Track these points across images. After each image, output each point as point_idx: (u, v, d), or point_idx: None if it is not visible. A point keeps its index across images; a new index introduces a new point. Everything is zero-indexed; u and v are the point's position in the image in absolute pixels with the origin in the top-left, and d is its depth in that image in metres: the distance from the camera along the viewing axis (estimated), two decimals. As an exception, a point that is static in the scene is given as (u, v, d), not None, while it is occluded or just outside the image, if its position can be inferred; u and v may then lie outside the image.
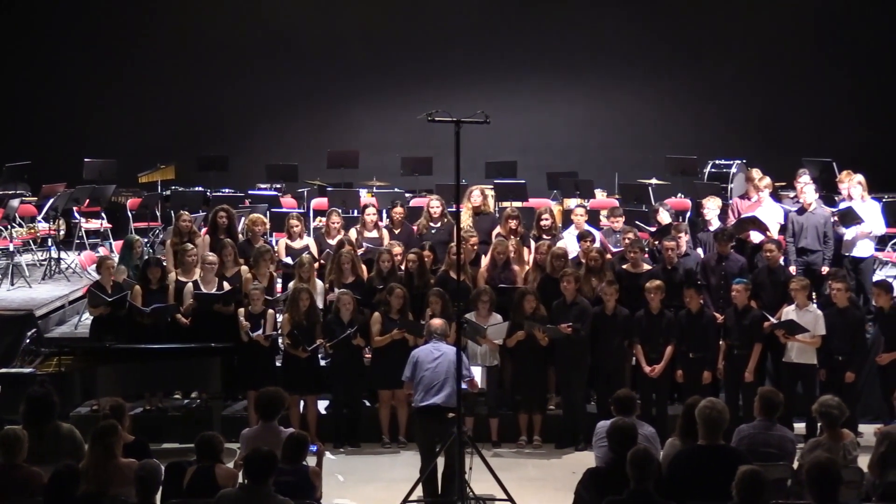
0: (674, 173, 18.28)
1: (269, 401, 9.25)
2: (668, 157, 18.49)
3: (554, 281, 13.06)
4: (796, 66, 21.01)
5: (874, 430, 10.22)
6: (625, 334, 12.72)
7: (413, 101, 18.75)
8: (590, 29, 21.26)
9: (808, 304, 12.58)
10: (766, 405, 8.88)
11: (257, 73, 21.15)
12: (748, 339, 12.52)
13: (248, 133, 21.02)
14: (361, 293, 13.15)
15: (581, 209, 14.84)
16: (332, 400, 13.07)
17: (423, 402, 10.73)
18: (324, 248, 14.15)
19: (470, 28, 21.32)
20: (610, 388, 11.16)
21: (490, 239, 14.08)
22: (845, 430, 8.92)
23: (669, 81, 21.30)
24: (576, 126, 21.30)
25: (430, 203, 14.72)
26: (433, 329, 11.25)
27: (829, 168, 16.70)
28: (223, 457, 8.59)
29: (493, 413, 12.86)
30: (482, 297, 12.75)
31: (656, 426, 9.74)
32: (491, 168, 18.14)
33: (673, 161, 18.33)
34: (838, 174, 15.72)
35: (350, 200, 16.44)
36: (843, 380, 12.29)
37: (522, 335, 12.69)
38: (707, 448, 8.00)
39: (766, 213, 14.40)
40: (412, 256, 13.43)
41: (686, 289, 12.78)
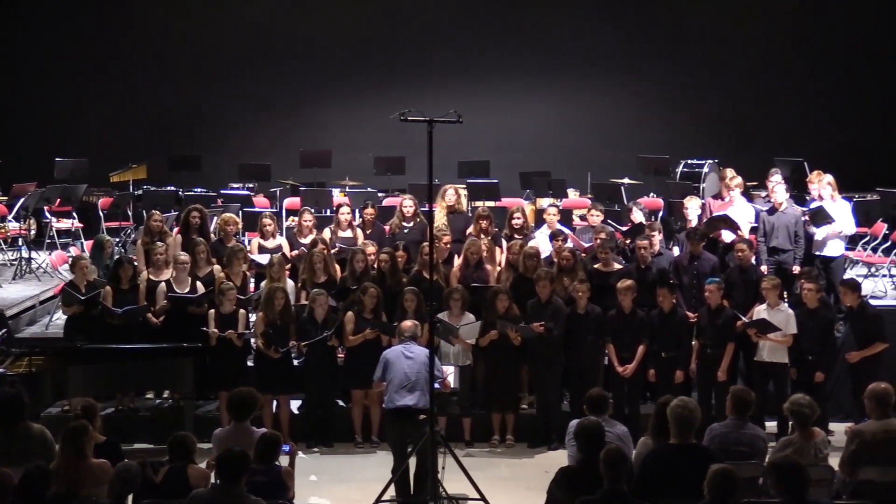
0: (646, 173, 18.33)
1: (241, 401, 9.22)
2: (641, 156, 18.55)
3: (526, 280, 13.08)
4: (768, 67, 21.11)
5: (845, 428, 10.26)
6: (597, 333, 12.75)
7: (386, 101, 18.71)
8: (563, 29, 21.30)
9: (779, 303, 12.64)
10: (738, 404, 8.91)
11: (230, 73, 21.09)
12: (721, 338, 12.57)
13: (221, 132, 20.96)
14: (335, 293, 13.15)
15: (554, 209, 14.87)
16: (304, 399, 13.07)
17: (395, 403, 10.74)
18: (296, 248, 14.14)
19: (443, 28, 21.33)
20: (583, 388, 11.18)
21: (464, 238, 14.09)
22: (816, 428, 8.97)
23: (642, 81, 21.36)
24: (548, 125, 21.34)
25: (402, 202, 14.71)
26: (403, 331, 11.26)
27: (801, 168, 16.78)
28: (196, 457, 8.57)
29: (466, 413, 12.87)
30: (454, 295, 12.76)
31: (629, 425, 9.76)
32: (464, 167, 18.15)
33: (645, 161, 18.39)
34: (809, 174, 15.80)
35: (323, 200, 16.43)
36: (814, 379, 12.36)
37: (495, 335, 12.70)
38: (679, 447, 8.03)
39: (737, 213, 14.46)
40: (385, 256, 13.42)
41: (659, 288, 12.81)
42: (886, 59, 20.91)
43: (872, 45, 20.94)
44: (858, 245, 15.97)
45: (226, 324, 12.64)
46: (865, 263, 15.85)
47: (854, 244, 15.83)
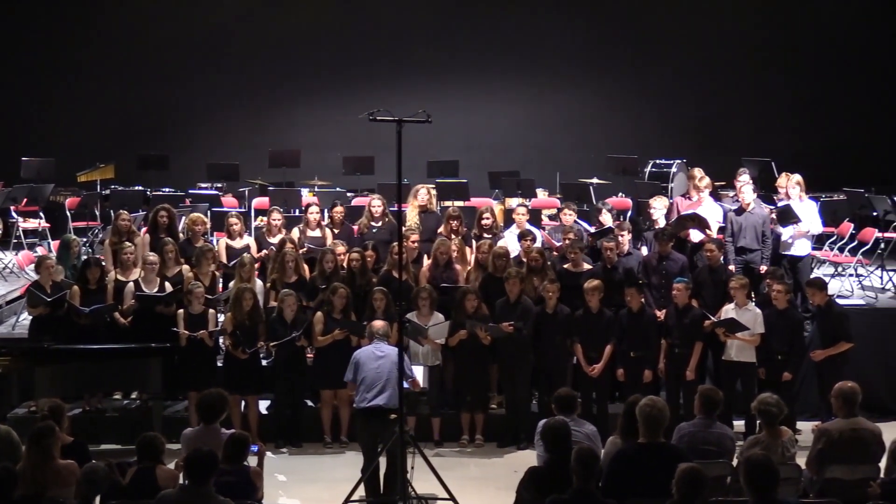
0: (615, 173, 18.36)
1: (210, 404, 9.18)
2: (610, 156, 18.58)
3: (496, 280, 13.09)
4: (736, 68, 21.22)
5: (812, 427, 10.31)
6: (566, 333, 12.78)
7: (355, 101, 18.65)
8: (531, 29, 21.33)
9: (747, 302, 12.70)
10: (707, 403, 8.95)
11: (198, 72, 21.01)
12: (689, 337, 12.62)
13: (189, 132, 20.88)
14: (304, 293, 13.13)
15: (523, 208, 14.87)
16: (273, 400, 13.04)
17: (366, 403, 10.73)
18: (264, 248, 14.11)
19: (412, 28, 21.31)
20: (552, 387, 11.20)
21: (435, 238, 14.08)
22: (784, 427, 9.02)
23: (610, 82, 21.42)
24: (517, 126, 21.37)
25: (371, 202, 14.71)
26: (374, 330, 11.26)
27: (768, 168, 16.85)
28: (164, 458, 8.55)
29: (436, 412, 12.87)
30: (422, 295, 12.76)
31: (597, 425, 9.80)
32: (433, 167, 18.13)
33: (614, 161, 18.42)
34: (777, 174, 15.88)
35: (291, 200, 16.40)
36: (782, 378, 12.42)
37: (464, 334, 12.71)
38: (647, 446, 8.05)
39: (706, 213, 14.49)
40: (354, 256, 13.41)
41: (627, 288, 12.85)
42: (853, 61, 21.03)
43: (839, 46, 21.06)
44: (825, 245, 16.05)
45: (196, 324, 12.60)
46: (832, 263, 15.94)
47: (821, 244, 15.91)
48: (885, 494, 7.99)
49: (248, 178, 18.46)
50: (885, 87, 21.11)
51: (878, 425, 9.10)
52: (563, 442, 8.01)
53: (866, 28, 21.17)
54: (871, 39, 21.14)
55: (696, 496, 7.15)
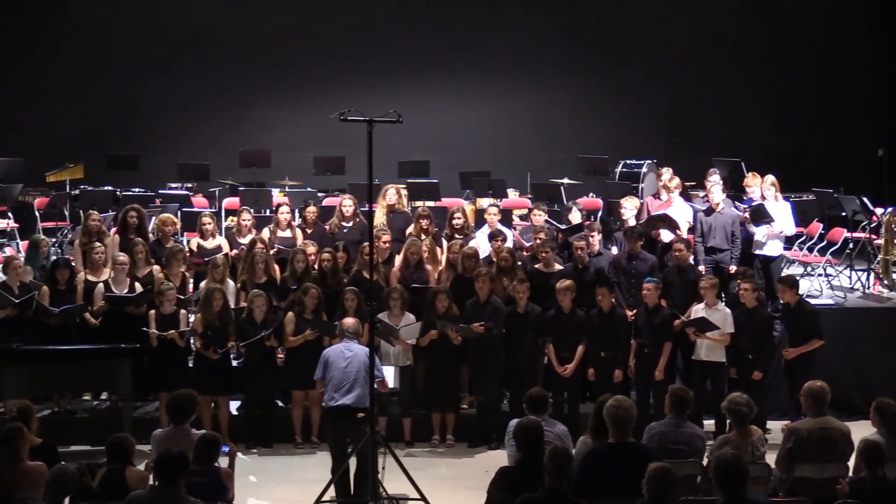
0: (586, 173, 18.39)
1: (181, 404, 9.16)
2: (580, 156, 18.61)
3: (466, 280, 13.10)
4: (706, 68, 21.28)
5: (781, 426, 10.36)
6: (537, 333, 12.80)
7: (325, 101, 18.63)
8: (502, 29, 21.34)
9: (717, 302, 12.76)
10: (677, 403, 8.98)
11: (168, 72, 20.91)
12: (659, 337, 12.66)
13: (159, 132, 20.78)
14: (275, 293, 13.10)
15: (495, 209, 14.87)
16: (244, 400, 13.01)
17: (334, 402, 10.73)
18: (235, 248, 14.08)
19: (382, 27, 21.28)
20: (523, 387, 11.21)
21: (405, 238, 14.08)
22: (753, 426, 9.05)
23: (581, 82, 21.46)
24: (488, 126, 21.37)
25: (342, 202, 14.69)
26: (345, 328, 11.25)
27: (738, 168, 16.90)
28: (134, 459, 8.51)
29: (406, 413, 12.88)
30: (393, 295, 12.76)
31: (568, 425, 9.82)
32: (404, 167, 18.13)
33: (585, 161, 18.45)
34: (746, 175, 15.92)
35: (262, 200, 16.36)
36: (752, 377, 12.47)
37: (435, 335, 12.71)
38: (618, 446, 8.07)
39: (675, 213, 14.55)
40: (326, 256, 13.40)
41: (598, 287, 12.87)
42: (822, 63, 21.13)
43: (809, 48, 21.16)
44: (795, 245, 16.11)
45: (167, 324, 12.56)
46: (802, 263, 16.00)
47: (791, 244, 15.97)
48: (853, 493, 8.03)
49: (219, 179, 18.40)
50: (854, 88, 21.22)
51: (847, 424, 9.15)
52: (536, 442, 8.02)
53: (835, 30, 21.27)
54: (839, 42, 21.24)
55: (667, 495, 7.18)
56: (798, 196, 16.70)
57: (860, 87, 21.29)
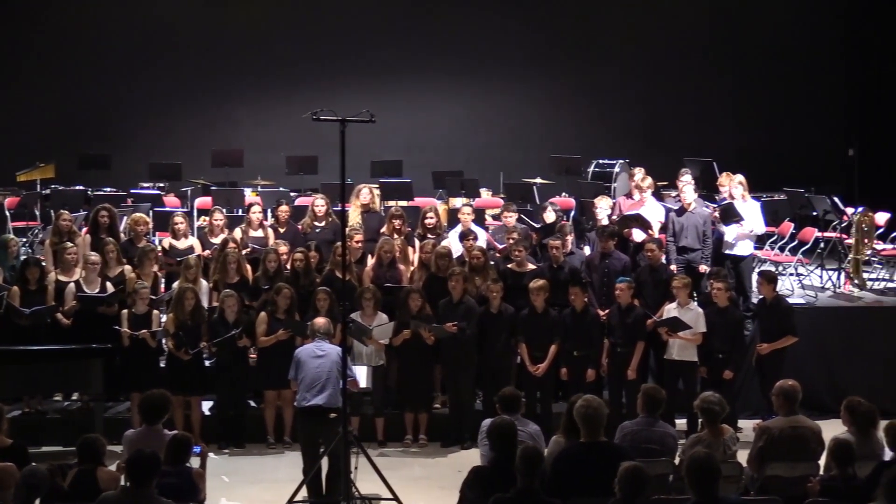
0: (558, 172, 18.40)
1: (153, 404, 9.13)
2: (553, 156, 18.62)
3: (439, 280, 13.11)
4: (678, 68, 21.34)
5: (753, 425, 10.40)
6: (510, 333, 12.81)
7: (298, 100, 18.66)
8: (475, 28, 21.34)
9: (689, 301, 12.80)
10: (649, 402, 8.99)
11: (140, 71, 20.82)
12: (631, 336, 12.69)
13: (131, 131, 20.69)
14: (247, 293, 13.08)
15: (468, 208, 14.88)
16: (216, 401, 12.98)
17: (306, 402, 10.73)
18: (207, 248, 14.04)
19: (355, 26, 21.24)
20: (496, 387, 11.20)
21: (378, 237, 14.08)
22: (725, 425, 9.08)
23: (553, 81, 21.48)
24: (461, 125, 21.37)
25: (314, 202, 14.67)
26: (317, 328, 11.23)
27: (710, 168, 16.93)
28: (105, 459, 8.48)
29: (379, 412, 12.87)
30: (366, 295, 12.76)
31: (541, 424, 9.83)
32: (376, 167, 18.10)
33: (557, 160, 18.46)
34: (718, 174, 15.98)
35: (234, 200, 16.31)
36: (723, 377, 12.52)
37: (408, 334, 12.71)
38: (590, 445, 8.08)
39: (648, 212, 14.59)
40: (298, 256, 13.38)
41: (571, 287, 12.89)
42: (793, 62, 21.23)
43: (780, 47, 21.26)
44: (766, 244, 16.18)
45: (140, 324, 12.52)
46: (773, 262, 16.06)
47: (762, 243, 16.03)
48: (824, 491, 8.07)
49: (191, 178, 18.33)
50: (825, 88, 21.33)
51: (818, 423, 9.20)
52: (509, 441, 8.01)
53: (807, 30, 21.38)
54: (811, 42, 21.34)
55: (639, 494, 7.19)
56: (769, 196, 16.77)
57: (831, 87, 21.41)
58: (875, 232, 15.59)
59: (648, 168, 15.64)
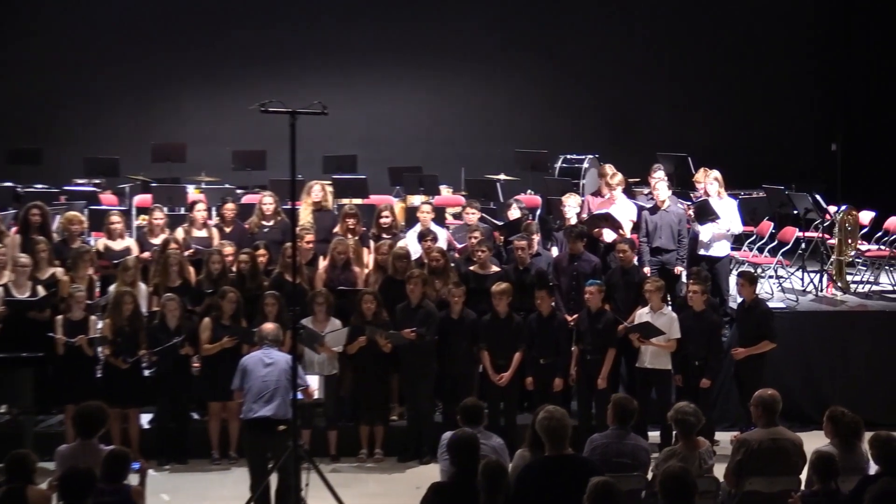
0: (523, 168, 18.44)
1: (88, 417, 9.07)
2: (517, 151, 18.66)
3: (396, 283, 13.09)
4: (651, 57, 21.45)
5: (731, 437, 10.45)
6: (471, 339, 12.81)
7: (245, 91, 18.67)
8: (435, 16, 21.36)
9: (662, 306, 12.83)
10: (620, 413, 9.01)
11: (74, 59, 20.71)
12: (601, 343, 12.71)
13: (64, 123, 20.60)
14: (189, 297, 13.03)
15: (427, 206, 14.87)
16: (156, 413, 12.92)
17: (253, 414, 10.69)
18: (147, 249, 13.98)
19: (306, 12, 21.22)
20: (456, 397, 11.22)
21: (330, 238, 14.06)
22: (701, 437, 9.11)
23: (518, 71, 21.53)
24: (419, 118, 21.39)
25: (262, 200, 14.64)
26: (265, 334, 11.20)
27: (685, 163, 17.00)
28: (36, 477, 8.41)
29: (332, 425, 12.85)
30: (318, 299, 12.74)
31: (505, 437, 9.81)
32: (329, 162, 18.09)
33: (522, 155, 18.50)
34: (694, 170, 16.04)
35: (176, 197, 16.25)
36: (699, 385, 12.56)
37: (363, 341, 12.69)
38: (555, 459, 8.05)
39: (619, 211, 14.62)
40: (244, 257, 13.34)
41: (537, 290, 12.90)
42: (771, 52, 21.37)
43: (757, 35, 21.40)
44: (744, 245, 16.25)
45: (75, 331, 12.45)
46: (751, 264, 16.13)
47: (739, 244, 16.11)
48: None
49: (130, 174, 18.26)
50: (806, 77, 21.48)
51: (799, 435, 9.25)
52: (470, 455, 8.00)
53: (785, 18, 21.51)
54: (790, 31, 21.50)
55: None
56: (747, 193, 16.86)
57: (813, 76, 21.56)
58: (859, 231, 15.69)
59: (619, 164, 15.69)
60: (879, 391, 13.82)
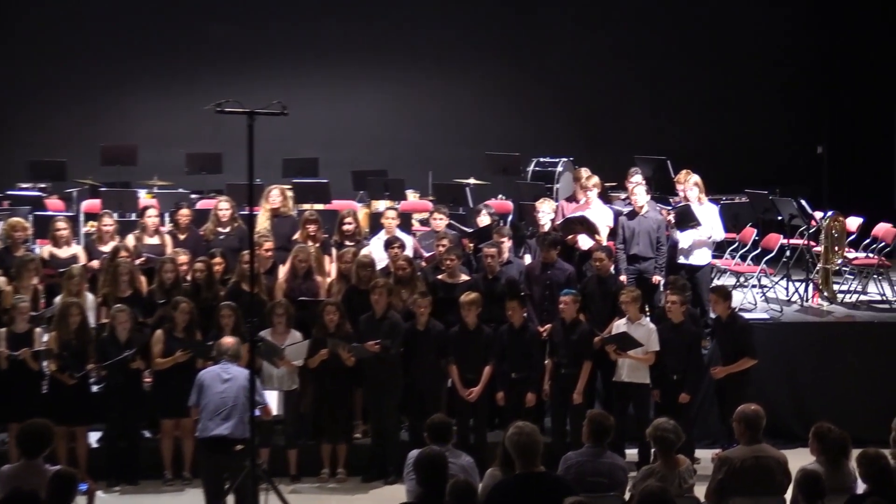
0: (494, 172, 18.42)
1: (33, 436, 9.01)
2: (488, 153, 18.65)
3: (360, 293, 13.09)
4: (628, 55, 21.47)
5: (712, 455, 10.50)
6: (439, 352, 12.81)
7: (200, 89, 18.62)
8: (401, 11, 21.35)
9: (640, 317, 12.86)
10: (596, 430, 9.02)
11: (16, 54, 20.62)
12: (576, 356, 12.73)
13: (6, 124, 20.49)
14: (141, 308, 12.99)
15: (392, 212, 14.87)
16: (105, 431, 12.87)
17: (209, 432, 10.68)
18: (96, 257, 13.93)
19: (265, 7, 21.19)
20: (423, 413, 11.21)
21: (290, 245, 14.04)
22: (681, 455, 9.12)
23: (489, 70, 21.52)
24: (385, 119, 21.37)
25: (218, 205, 14.62)
26: (223, 349, 11.18)
27: (664, 167, 17.03)
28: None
29: (292, 443, 12.83)
30: (277, 310, 12.72)
31: (474, 455, 9.80)
32: (289, 166, 18.04)
33: (493, 158, 18.48)
34: (674, 174, 16.07)
35: (127, 202, 16.21)
36: (679, 401, 12.59)
37: (325, 355, 12.67)
38: (525, 477, 8.04)
39: (595, 217, 14.63)
40: (199, 266, 13.33)
41: (508, 301, 12.91)
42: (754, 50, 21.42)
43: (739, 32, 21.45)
44: (726, 253, 16.29)
45: (19, 344, 12.42)
46: (733, 273, 16.20)
47: (721, 252, 16.16)
48: (791, 528, 8.15)
49: (77, 178, 18.17)
50: (791, 77, 21.53)
51: (784, 452, 9.27)
52: (438, 474, 7.99)
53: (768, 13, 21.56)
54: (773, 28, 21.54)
55: (584, 533, 7.20)
56: (730, 198, 16.88)
57: (797, 76, 21.61)
58: (846, 238, 15.76)
59: (595, 167, 15.71)
60: (868, 406, 13.81)
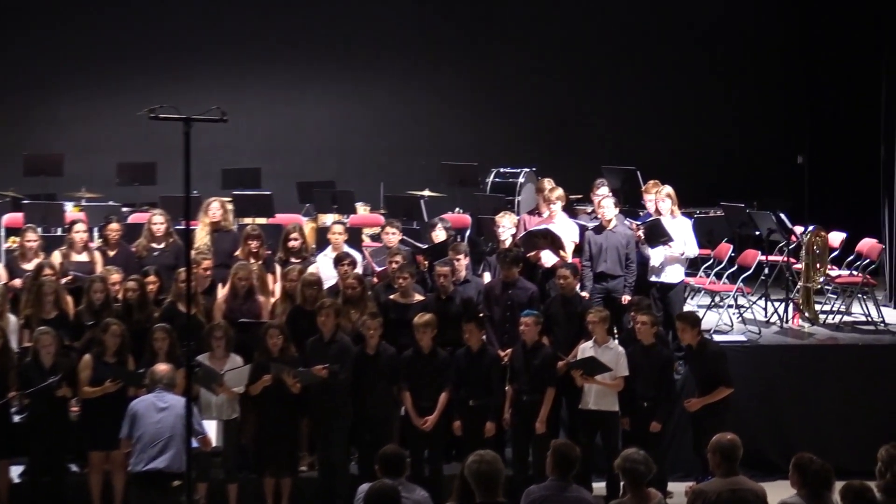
0: (450, 183, 18.47)
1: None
2: (444, 163, 18.68)
3: (306, 314, 13.07)
4: (595, 59, 21.54)
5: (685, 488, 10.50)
6: (391, 378, 12.79)
7: (132, 94, 18.56)
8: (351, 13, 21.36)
9: (608, 339, 12.87)
10: (561, 461, 9.00)
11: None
12: (539, 382, 12.73)
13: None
14: (67, 331, 12.92)
15: (340, 227, 14.84)
16: (28, 464, 12.80)
17: (143, 466, 10.64)
18: (18, 275, 13.86)
19: (202, 6, 21.15)
20: (375, 444, 11.19)
21: (231, 262, 14.00)
22: (652, 489, 9.11)
23: (444, 75, 21.57)
24: (332, 126, 21.40)
25: (151, 219, 14.57)
26: (158, 377, 11.14)
27: (633, 178, 17.09)
28: None
29: (232, 477, 12.77)
30: (216, 333, 12.68)
31: (430, 489, 9.78)
32: (229, 176, 18.02)
33: (449, 169, 18.52)
34: (644, 184, 16.10)
35: (52, 216, 16.15)
36: (650, 429, 12.60)
37: (268, 381, 12.63)
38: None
39: (559, 231, 14.63)
40: (131, 285, 13.26)
41: (465, 323, 12.90)
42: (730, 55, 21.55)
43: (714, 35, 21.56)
44: (700, 270, 16.34)
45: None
46: (708, 292, 16.23)
47: (695, 269, 16.20)
48: (770, 566, 8.17)
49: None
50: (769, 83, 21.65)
51: (763, 485, 9.28)
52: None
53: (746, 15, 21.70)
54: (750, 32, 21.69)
55: (549, 572, 7.19)
56: (703, 212, 16.95)
57: (776, 82, 21.73)
58: (828, 255, 15.84)
59: (559, 178, 15.73)
60: (852, 435, 13.89)
